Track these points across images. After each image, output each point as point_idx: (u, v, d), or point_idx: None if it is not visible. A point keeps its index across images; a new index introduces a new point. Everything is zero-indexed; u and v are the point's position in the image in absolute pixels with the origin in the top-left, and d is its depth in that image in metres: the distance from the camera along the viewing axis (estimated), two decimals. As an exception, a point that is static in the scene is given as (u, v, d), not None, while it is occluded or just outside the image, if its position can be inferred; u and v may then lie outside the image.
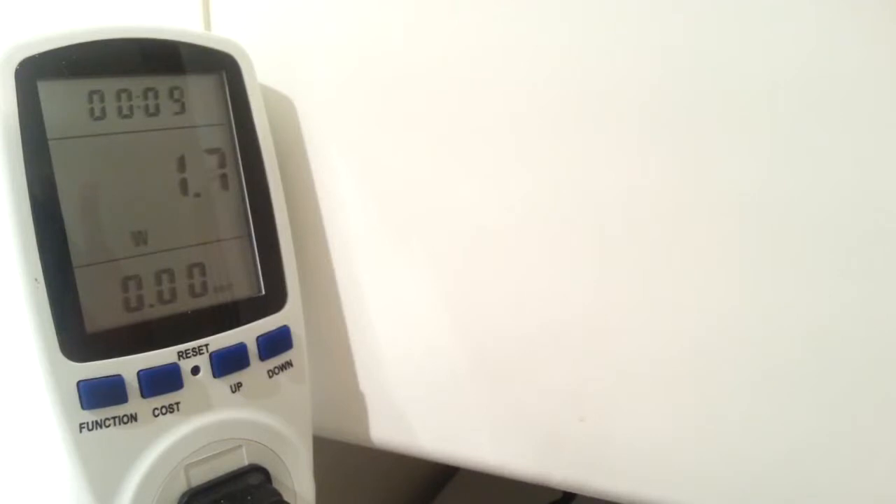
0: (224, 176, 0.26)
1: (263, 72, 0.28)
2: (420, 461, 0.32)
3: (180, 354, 0.25)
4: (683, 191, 0.23)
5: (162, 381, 0.24)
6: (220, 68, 0.26)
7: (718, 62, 0.21)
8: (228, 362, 0.26)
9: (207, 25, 0.29)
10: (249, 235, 0.27)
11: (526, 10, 0.24)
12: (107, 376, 0.23)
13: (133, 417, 0.24)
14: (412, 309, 0.28)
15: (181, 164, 0.25)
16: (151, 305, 0.24)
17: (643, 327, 0.24)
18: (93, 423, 0.23)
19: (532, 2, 0.23)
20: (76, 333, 0.23)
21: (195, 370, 0.25)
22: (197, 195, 0.26)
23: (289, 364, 0.27)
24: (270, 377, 0.27)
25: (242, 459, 0.26)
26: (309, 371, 0.28)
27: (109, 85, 0.24)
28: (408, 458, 0.31)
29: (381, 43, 0.26)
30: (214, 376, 0.25)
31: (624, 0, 0.22)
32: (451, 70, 0.25)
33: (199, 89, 0.26)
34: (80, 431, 0.23)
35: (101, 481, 0.23)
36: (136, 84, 0.24)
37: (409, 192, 0.27)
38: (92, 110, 0.24)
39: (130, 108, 0.24)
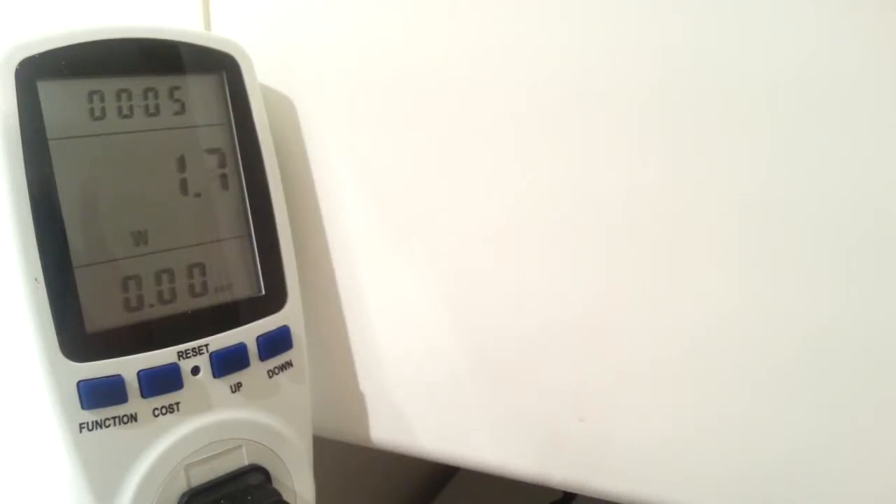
0: (224, 176, 0.26)
1: (263, 72, 0.28)
2: (420, 461, 0.32)
3: (180, 354, 0.25)
4: (683, 191, 0.23)
5: (162, 381, 0.24)
6: (220, 68, 0.26)
7: (718, 62, 0.21)
8: (228, 362, 0.26)
9: (207, 25, 0.29)
10: (249, 235, 0.27)
11: (526, 10, 0.24)
12: (107, 376, 0.23)
13: (133, 417, 0.24)
14: (412, 309, 0.28)
15: (181, 164, 0.25)
16: (151, 305, 0.24)
17: (643, 327, 0.24)
18: (93, 423, 0.23)
19: (532, 2, 0.23)
20: (76, 333, 0.23)
21: (195, 370, 0.25)
22: (197, 195, 0.26)
23: (289, 364, 0.27)
24: (270, 377, 0.27)
25: (242, 459, 0.26)
26: (309, 371, 0.28)
27: (109, 85, 0.24)
28: (408, 458, 0.31)
29: (381, 43, 0.26)
30: (214, 376, 0.25)
31: (624, 0, 0.22)
32: (451, 70, 0.25)
33: (199, 89, 0.26)
34: (80, 431, 0.23)
35: (101, 481, 0.23)
36: (136, 84, 0.24)
37: (409, 192, 0.27)
38: (92, 110, 0.24)
39: (130, 108, 0.24)
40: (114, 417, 0.23)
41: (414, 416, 0.30)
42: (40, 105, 0.22)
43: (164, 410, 0.24)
